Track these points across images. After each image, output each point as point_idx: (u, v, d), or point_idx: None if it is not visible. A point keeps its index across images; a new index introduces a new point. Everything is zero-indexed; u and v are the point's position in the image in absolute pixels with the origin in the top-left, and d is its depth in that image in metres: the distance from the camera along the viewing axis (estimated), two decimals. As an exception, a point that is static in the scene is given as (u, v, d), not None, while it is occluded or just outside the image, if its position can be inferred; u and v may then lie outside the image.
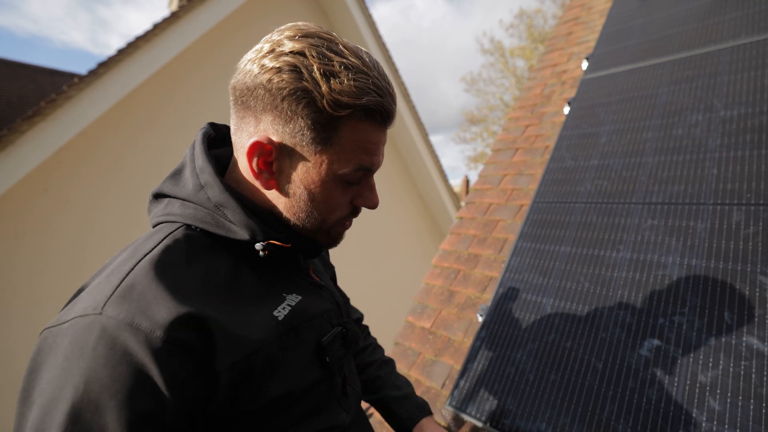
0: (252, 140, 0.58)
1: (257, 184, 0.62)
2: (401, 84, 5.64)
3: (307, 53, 0.54)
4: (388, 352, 1.79)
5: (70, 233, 3.12)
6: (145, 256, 0.54)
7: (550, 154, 1.87)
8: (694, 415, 0.88)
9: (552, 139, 2.08)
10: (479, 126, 17.71)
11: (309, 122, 0.56)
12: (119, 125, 3.42)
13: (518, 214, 1.86)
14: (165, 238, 0.57)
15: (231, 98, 0.61)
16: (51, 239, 3.03)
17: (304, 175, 0.60)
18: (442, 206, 6.57)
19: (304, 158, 0.59)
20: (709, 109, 1.45)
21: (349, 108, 0.55)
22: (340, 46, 0.56)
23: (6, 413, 2.66)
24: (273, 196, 0.63)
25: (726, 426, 0.84)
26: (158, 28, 3.34)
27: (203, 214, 0.60)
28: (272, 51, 0.55)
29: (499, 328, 1.36)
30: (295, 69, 0.54)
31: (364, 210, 0.69)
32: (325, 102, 0.54)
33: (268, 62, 0.55)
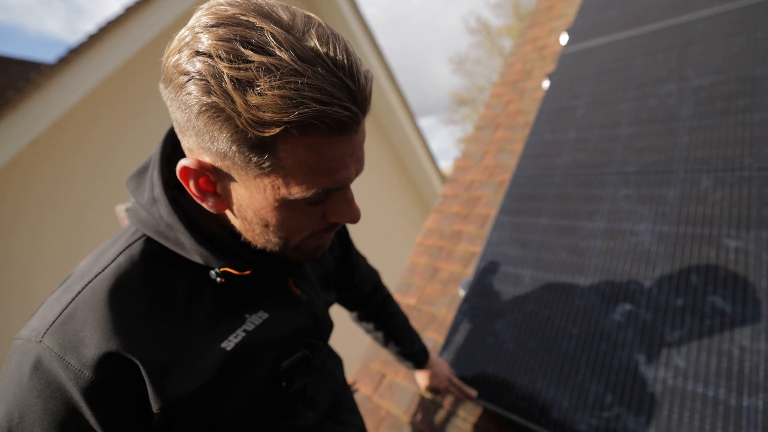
0: (180, 165, 0.48)
1: (214, 211, 0.53)
2: (386, 67, 5.57)
3: (214, 54, 0.40)
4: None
5: (61, 227, 3.08)
6: (95, 276, 0.52)
7: (530, 128, 1.88)
8: (661, 372, 0.92)
9: (533, 114, 2.09)
10: (468, 107, 17.67)
11: (234, 146, 0.43)
12: (103, 115, 3.32)
13: (500, 189, 1.88)
14: (122, 252, 0.54)
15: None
16: (41, 234, 2.98)
17: (249, 199, 0.50)
18: (431, 188, 6.59)
19: (245, 183, 0.48)
20: (682, 79, 1.46)
21: (278, 125, 0.41)
22: (266, 33, 0.40)
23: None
24: (238, 223, 0.56)
25: (690, 380, 0.88)
26: (130, 11, 3.21)
27: (162, 228, 0.54)
28: (189, 44, 0.42)
29: (480, 300, 1.39)
30: (202, 79, 0.41)
31: (354, 198, 0.56)
32: (243, 121, 0.41)
33: (182, 62, 0.42)
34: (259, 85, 0.39)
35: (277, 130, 0.41)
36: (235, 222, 0.56)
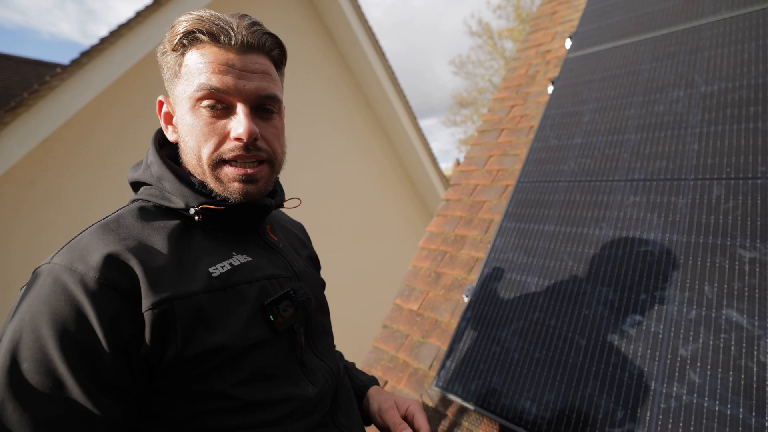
0: (157, 100, 0.72)
1: (172, 139, 0.72)
2: (389, 69, 5.57)
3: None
4: (377, 335, 1.80)
5: (62, 225, 3.08)
6: (97, 222, 0.62)
7: (534, 133, 1.86)
8: (675, 388, 0.89)
9: (537, 118, 2.07)
10: (469, 108, 17.65)
11: (166, 66, 0.67)
12: (108, 116, 3.35)
13: (504, 194, 1.86)
14: (119, 210, 0.65)
15: None
16: (43, 232, 2.99)
17: (179, 113, 0.68)
18: (432, 189, 6.57)
19: (174, 99, 0.68)
20: (690, 85, 1.44)
21: (177, 36, 0.64)
22: (196, 12, 0.67)
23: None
24: (180, 149, 0.70)
25: (706, 398, 0.85)
26: (141, 16, 3.27)
27: (153, 190, 0.68)
28: None
29: (485, 308, 1.36)
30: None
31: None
32: (167, 43, 0.66)
33: None
34: (177, 24, 0.65)
35: (177, 37, 0.64)
36: (182, 152, 0.69)
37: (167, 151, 0.74)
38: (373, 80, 5.58)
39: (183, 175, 0.68)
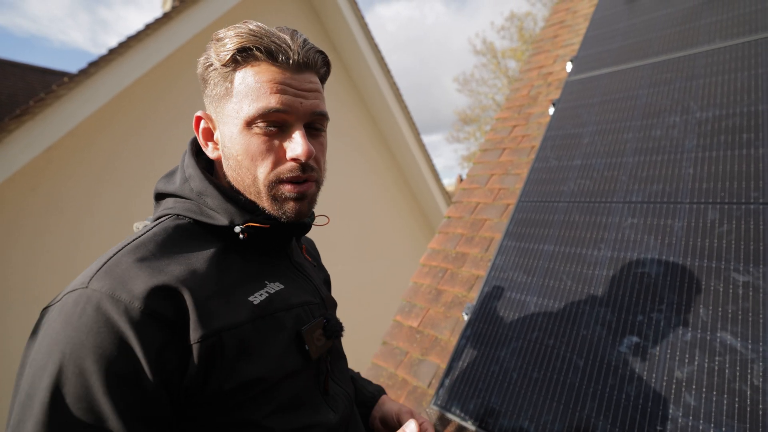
0: (195, 115, 0.69)
1: (213, 157, 0.69)
2: (394, 86, 5.66)
3: (212, 38, 0.65)
4: (376, 352, 1.81)
5: (63, 232, 3.11)
6: (132, 241, 0.59)
7: (535, 154, 1.89)
8: (671, 410, 0.90)
9: (538, 139, 2.11)
10: (472, 126, 17.82)
11: (213, 82, 0.64)
12: (111, 125, 3.39)
13: (505, 213, 1.89)
14: (154, 226, 0.63)
15: None
16: (44, 238, 3.01)
17: (225, 132, 0.65)
18: (434, 205, 6.60)
19: (222, 117, 0.65)
20: (685, 111, 1.48)
21: (231, 52, 0.61)
22: (245, 25, 0.65)
23: (5, 407, 2.64)
24: (225, 167, 0.68)
25: (701, 421, 0.86)
26: (150, 29, 3.34)
27: (189, 205, 0.65)
28: None
29: (484, 326, 1.38)
30: (205, 51, 0.65)
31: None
32: (216, 58, 0.62)
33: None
34: (225, 38, 0.62)
35: (230, 54, 0.61)
36: (227, 170, 0.67)
37: (200, 163, 0.71)
38: (378, 96, 5.65)
39: (227, 192, 0.66)
